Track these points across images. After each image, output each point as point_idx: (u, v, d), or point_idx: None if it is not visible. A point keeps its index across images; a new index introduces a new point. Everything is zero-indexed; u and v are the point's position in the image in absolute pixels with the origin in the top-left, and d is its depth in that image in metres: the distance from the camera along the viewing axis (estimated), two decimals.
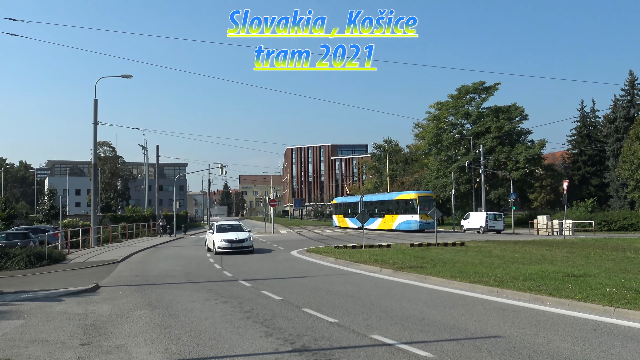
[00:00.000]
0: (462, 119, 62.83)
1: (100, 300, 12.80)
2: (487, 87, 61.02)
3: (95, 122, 34.09)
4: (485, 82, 60.94)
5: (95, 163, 34.98)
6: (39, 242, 26.91)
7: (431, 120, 67.24)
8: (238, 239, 25.68)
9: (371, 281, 15.17)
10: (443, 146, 62.85)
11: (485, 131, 58.98)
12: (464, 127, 63.30)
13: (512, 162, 55.82)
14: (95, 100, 34.27)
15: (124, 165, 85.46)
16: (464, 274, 14.92)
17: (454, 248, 25.75)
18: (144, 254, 27.74)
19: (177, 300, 12.44)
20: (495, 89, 60.95)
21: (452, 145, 62.13)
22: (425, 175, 66.61)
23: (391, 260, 19.15)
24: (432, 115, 66.76)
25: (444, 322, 9.41)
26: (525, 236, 40.77)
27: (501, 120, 57.80)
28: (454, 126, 63.66)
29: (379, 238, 37.81)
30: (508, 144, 57.87)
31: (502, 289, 12.32)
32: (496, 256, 20.74)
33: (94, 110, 34.05)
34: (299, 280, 15.62)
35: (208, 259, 23.56)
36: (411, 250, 24.76)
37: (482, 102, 61.53)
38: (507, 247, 25.41)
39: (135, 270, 19.63)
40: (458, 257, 20.56)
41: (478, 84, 60.99)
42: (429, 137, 64.38)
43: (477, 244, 28.68)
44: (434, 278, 14.66)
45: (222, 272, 18.21)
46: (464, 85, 62.02)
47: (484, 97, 61.48)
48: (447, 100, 63.79)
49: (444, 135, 62.46)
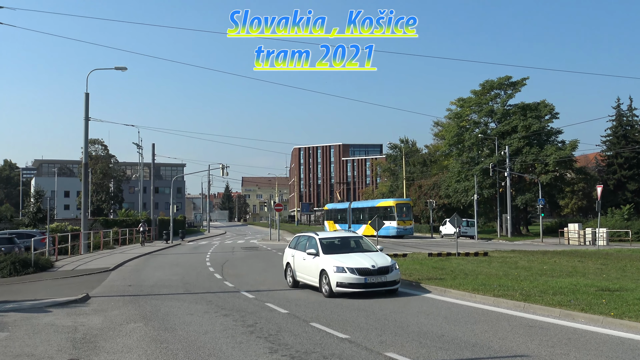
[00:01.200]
0: (486, 117, 62.57)
1: (90, 311, 12.86)
2: (514, 83, 60.78)
3: (87, 118, 34.31)
4: (511, 77, 60.69)
5: (86, 162, 35.19)
6: (24, 248, 27.06)
7: (452, 119, 67.04)
8: (377, 266, 14.73)
9: (386, 294, 15.14)
10: (465, 147, 62.65)
11: (512, 130, 58.75)
12: (488, 126, 63.06)
13: (541, 164, 55.57)
14: (86, 94, 34.51)
15: (116, 165, 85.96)
16: (488, 286, 14.87)
17: (476, 258, 25.68)
18: (138, 262, 27.86)
19: (173, 312, 12.48)
20: (522, 84, 60.71)
21: (474, 146, 61.91)
22: (444, 178, 66.46)
23: (407, 271, 19.11)
24: (453, 112, 66.56)
25: (466, 339, 9.38)
26: (555, 246, 40.58)
27: (529, 119, 57.53)
28: (476, 125, 63.45)
29: (395, 247, 37.79)
30: (536, 145, 57.59)
31: (529, 303, 12.26)
32: (523, 268, 20.67)
33: (85, 105, 34.29)
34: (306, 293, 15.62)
35: (208, 268, 23.64)
36: (429, 260, 24.72)
37: (508, 98, 61.30)
38: (535, 258, 25.30)
39: (128, 280, 19.72)
40: (481, 268, 20.50)
41: (503, 79, 60.79)
42: (450, 136, 64.23)
43: (501, 254, 28.58)
44: (454, 291, 14.63)
45: (223, 283, 18.26)
46: (488, 81, 61.83)
47: (510, 94, 61.23)
48: (470, 97, 63.57)
49: (466, 134, 62.27)
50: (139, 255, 31.83)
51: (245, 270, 22.50)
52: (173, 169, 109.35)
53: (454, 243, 37.19)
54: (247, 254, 33.01)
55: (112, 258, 29.05)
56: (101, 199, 76.55)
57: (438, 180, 69.40)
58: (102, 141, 79.73)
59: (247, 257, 30.34)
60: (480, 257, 26.58)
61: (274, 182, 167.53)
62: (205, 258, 29.56)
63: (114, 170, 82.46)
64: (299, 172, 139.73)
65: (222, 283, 18.19)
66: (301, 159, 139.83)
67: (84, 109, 34.19)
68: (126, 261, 27.51)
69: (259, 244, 44.74)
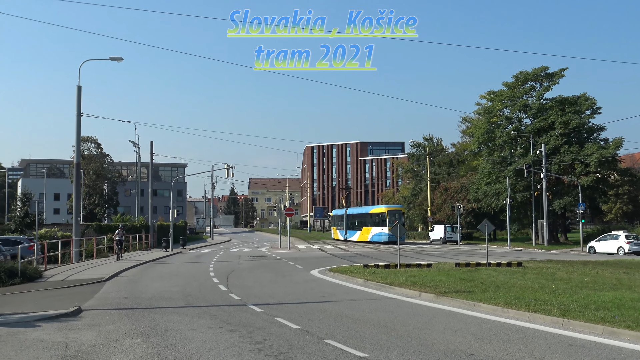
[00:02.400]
0: (519, 112, 62.31)
1: (83, 326, 12.93)
2: (551, 74, 60.48)
3: (79, 114, 34.55)
4: (548, 68, 60.42)
5: (78, 162, 35.43)
6: (10, 256, 27.24)
7: (481, 114, 66.87)
8: None
9: (408, 308, 15.12)
10: (496, 145, 62.44)
11: (548, 127, 58.46)
12: (522, 122, 62.81)
13: (581, 165, 55.25)
14: (78, 87, 34.75)
15: (111, 166, 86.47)
16: (522, 300, 14.79)
17: (509, 269, 25.56)
18: (135, 272, 27.99)
19: (174, 327, 12.52)
20: (560, 75, 60.41)
21: (507, 144, 61.69)
22: (473, 180, 66.25)
23: (432, 283, 19.07)
24: (483, 107, 66.39)
25: (497, 359, 9.33)
26: (597, 256, 40.28)
27: (568, 114, 57.21)
28: (509, 121, 63.22)
29: (417, 256, 37.74)
30: (576, 143, 57.26)
31: (568, 319, 12.19)
32: (561, 279, 20.56)
33: (77, 100, 34.50)
34: (320, 306, 15.63)
35: (211, 279, 23.70)
36: (457, 271, 24.65)
37: (544, 91, 61.03)
38: (575, 269, 25.15)
39: (124, 291, 19.81)
40: (514, 280, 20.42)
41: (539, 69, 60.50)
42: (479, 133, 64.04)
43: (537, 264, 28.44)
44: (484, 305, 14.57)
45: (228, 295, 18.30)
46: (522, 72, 61.58)
47: (546, 86, 60.95)
48: (502, 90, 63.35)
49: (497, 131, 62.06)
50: (135, 264, 31.98)
51: (253, 282, 22.54)
52: (173, 169, 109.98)
53: (483, 252, 37.21)
54: (254, 264, 33.06)
55: (107, 267, 29.21)
56: (94, 203, 77.05)
57: (466, 182, 69.20)
58: (96, 139, 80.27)
59: (254, 267, 30.40)
60: (513, 267, 26.46)
61: (284, 184, 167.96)
62: (209, 268, 29.65)
63: (109, 171, 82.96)
64: (312, 173, 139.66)
65: (228, 295, 18.23)
66: (314, 158, 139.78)
67: (76, 103, 34.42)
68: (122, 271, 27.64)
69: (268, 252, 44.81)
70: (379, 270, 24.81)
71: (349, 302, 16.30)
